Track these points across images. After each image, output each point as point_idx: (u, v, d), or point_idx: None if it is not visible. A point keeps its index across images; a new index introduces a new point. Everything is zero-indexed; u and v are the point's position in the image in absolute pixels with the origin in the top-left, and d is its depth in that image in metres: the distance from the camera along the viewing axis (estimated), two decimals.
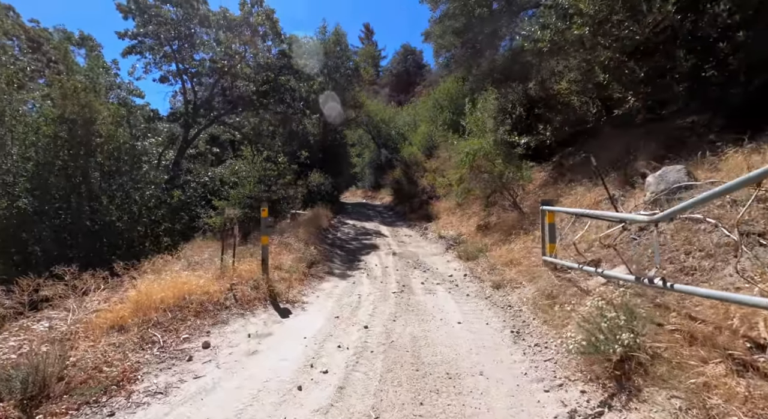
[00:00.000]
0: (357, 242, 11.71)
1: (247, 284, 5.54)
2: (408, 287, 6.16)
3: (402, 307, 5.06)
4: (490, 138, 9.45)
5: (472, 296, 5.51)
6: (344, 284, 6.66)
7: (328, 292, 6.09)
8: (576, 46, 7.10)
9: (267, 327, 4.45)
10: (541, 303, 4.33)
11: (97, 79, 12.19)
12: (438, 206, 15.39)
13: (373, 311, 4.93)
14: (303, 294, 5.86)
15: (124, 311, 4.23)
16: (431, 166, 20.09)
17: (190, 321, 4.46)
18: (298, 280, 6.40)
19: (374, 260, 8.86)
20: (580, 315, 2.89)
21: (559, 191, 8.83)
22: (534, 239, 7.34)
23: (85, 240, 9.54)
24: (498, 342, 3.72)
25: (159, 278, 5.09)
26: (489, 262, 7.32)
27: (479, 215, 11.69)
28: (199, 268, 6.01)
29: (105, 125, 11.07)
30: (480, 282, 6.28)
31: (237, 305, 5.05)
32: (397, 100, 43.69)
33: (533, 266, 5.83)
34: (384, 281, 6.75)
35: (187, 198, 15.70)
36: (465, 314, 4.65)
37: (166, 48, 14.72)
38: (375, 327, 4.29)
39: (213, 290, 5.13)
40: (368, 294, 5.81)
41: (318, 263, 7.73)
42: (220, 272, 5.70)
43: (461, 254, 8.59)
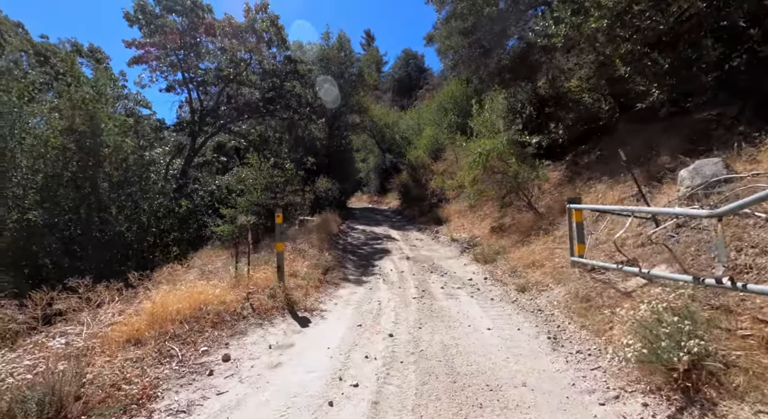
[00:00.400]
0: (368, 247, 11.52)
1: (263, 292, 5.36)
2: (428, 293, 5.95)
3: (425, 313, 4.85)
4: (503, 137, 9.24)
5: (497, 300, 5.29)
6: (361, 290, 6.47)
7: (345, 299, 5.90)
8: (592, 40, 6.91)
9: (287, 338, 4.27)
10: (575, 307, 4.11)
11: (104, 90, 12.16)
12: (448, 209, 15.19)
13: (395, 318, 4.73)
14: (320, 302, 5.68)
15: (140, 323, 4.07)
16: (439, 169, 19.90)
17: (207, 332, 4.29)
18: (313, 287, 6.22)
19: (389, 265, 8.66)
20: (634, 320, 2.67)
21: (577, 189, 8.59)
22: (555, 239, 7.12)
23: (95, 252, 9.44)
24: (535, 348, 3.50)
25: (174, 288, 4.94)
26: (509, 264, 7.10)
27: (492, 216, 11.48)
28: (214, 277, 5.85)
29: (112, 136, 11.03)
30: (503, 286, 6.06)
31: (255, 315, 4.87)
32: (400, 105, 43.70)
33: (559, 268, 5.61)
34: (402, 286, 6.55)
35: (195, 207, 15.64)
36: (493, 319, 4.44)
37: (171, 57, 14.73)
38: (401, 335, 4.09)
39: (229, 299, 4.96)
40: (388, 300, 5.61)
41: (332, 270, 7.55)
42: (235, 281, 5.53)
43: (478, 257, 8.36)
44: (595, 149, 10.22)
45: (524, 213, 9.76)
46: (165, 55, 14.60)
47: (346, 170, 25.61)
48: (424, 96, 41.53)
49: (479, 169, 9.51)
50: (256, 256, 7.12)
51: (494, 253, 8.21)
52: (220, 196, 15.73)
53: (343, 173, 22.89)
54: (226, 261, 6.63)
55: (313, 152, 19.88)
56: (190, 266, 8.87)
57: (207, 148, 18.66)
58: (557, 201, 9.22)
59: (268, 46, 14.69)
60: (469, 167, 10.13)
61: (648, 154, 7.30)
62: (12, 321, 3.71)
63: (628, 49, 5.93)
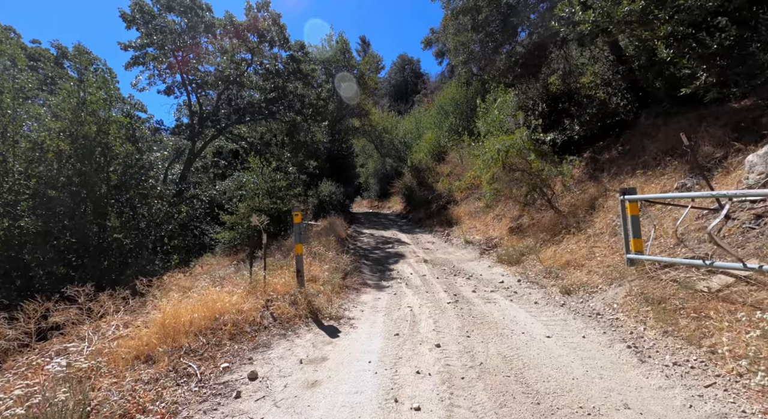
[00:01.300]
0: (380, 250, 11.02)
1: (283, 299, 4.84)
2: (461, 297, 5.46)
3: (467, 320, 4.35)
4: (523, 133, 8.82)
5: (543, 304, 4.80)
6: (385, 295, 5.96)
7: (371, 305, 5.38)
8: (622, 25, 6.52)
9: (318, 350, 3.74)
10: (646, 310, 3.63)
11: (110, 91, 11.63)
12: (457, 211, 14.75)
13: (435, 325, 4.22)
14: (345, 309, 5.16)
15: (150, 337, 3.54)
16: (444, 171, 19.53)
17: (226, 345, 3.76)
18: (334, 293, 5.70)
19: (407, 268, 8.16)
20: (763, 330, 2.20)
21: (604, 185, 8.17)
22: (589, 237, 6.66)
23: (91, 260, 8.85)
24: (615, 359, 3.01)
25: (185, 296, 4.41)
26: (541, 265, 6.62)
27: (509, 216, 11.04)
28: (227, 283, 5.33)
29: (112, 138, 10.50)
30: (542, 288, 5.57)
31: (276, 325, 4.34)
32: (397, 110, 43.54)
33: (606, 267, 5.14)
34: (429, 290, 6.05)
35: (194, 212, 15.08)
36: (547, 325, 3.94)
37: (170, 59, 14.27)
38: (449, 346, 3.59)
39: (247, 308, 4.44)
40: (419, 306, 5.10)
41: (350, 274, 7.04)
42: (251, 287, 5.01)
43: (502, 259, 7.89)
44: (617, 144, 9.84)
45: (543, 212, 9.32)
46: (164, 56, 14.14)
47: (348, 174, 25.16)
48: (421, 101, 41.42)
49: (498, 166, 9.07)
50: (269, 260, 6.60)
51: (519, 254, 7.75)
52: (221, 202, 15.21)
53: (344, 177, 22.42)
54: (239, 267, 6.10)
55: (315, 155, 19.44)
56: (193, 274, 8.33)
57: (207, 152, 18.15)
58: (579, 199, 8.81)
59: (270, 46, 14.28)
60: (486, 165, 9.68)
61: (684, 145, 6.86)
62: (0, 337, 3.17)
63: (667, 31, 5.54)
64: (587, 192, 8.79)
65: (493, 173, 9.42)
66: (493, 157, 9.20)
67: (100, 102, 10.64)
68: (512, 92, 13.47)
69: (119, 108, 13.66)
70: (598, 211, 7.36)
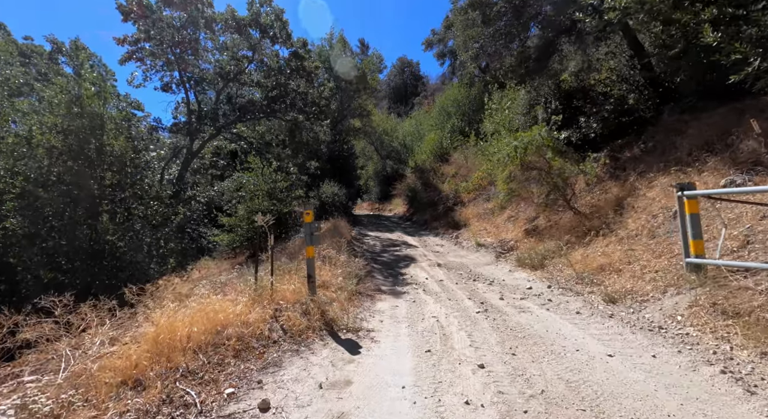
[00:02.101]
0: (388, 254, 10.47)
1: (293, 308, 4.28)
2: (489, 305, 4.91)
3: (505, 333, 3.81)
4: (542, 129, 8.32)
5: (586, 314, 4.26)
6: (403, 303, 5.40)
7: (390, 314, 4.82)
8: (655, 12, 6.05)
9: (339, 371, 3.19)
10: (724, 324, 3.09)
11: (105, 86, 11.07)
12: (465, 213, 14.24)
13: (470, 340, 3.67)
14: (362, 319, 4.60)
15: (140, 356, 2.97)
16: (449, 171, 19.04)
17: (230, 365, 3.20)
18: (347, 300, 5.14)
19: (420, 273, 7.61)
20: None
21: (630, 185, 7.66)
22: (622, 240, 6.14)
23: (83, 264, 8.25)
24: (711, 389, 2.47)
25: (182, 306, 3.85)
26: (571, 270, 6.09)
27: (522, 218, 10.52)
28: (230, 290, 4.76)
29: (108, 135, 9.95)
30: (577, 295, 5.04)
31: (287, 339, 3.78)
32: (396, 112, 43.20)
33: (652, 272, 4.61)
34: (451, 297, 5.50)
35: (192, 214, 14.50)
36: (603, 341, 3.40)
37: (168, 55, 13.73)
38: (494, 366, 3.04)
39: (253, 319, 3.88)
40: (445, 316, 4.55)
41: (362, 279, 6.48)
42: (257, 295, 4.44)
43: (523, 263, 7.36)
44: (638, 142, 9.35)
45: (561, 214, 8.82)
46: (161, 52, 13.60)
47: (349, 175, 24.67)
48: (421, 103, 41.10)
49: (516, 164, 8.55)
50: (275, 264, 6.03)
51: (541, 258, 7.22)
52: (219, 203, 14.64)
53: (346, 178, 21.91)
54: (241, 271, 5.53)
55: (316, 156, 18.92)
56: (191, 279, 7.75)
57: (206, 152, 17.59)
58: (601, 199, 8.33)
59: (272, 42, 13.76)
60: (502, 164, 9.17)
61: (725, 140, 6.39)
62: None
63: (712, 13, 5.05)
64: (609, 192, 8.30)
65: (509, 171, 8.90)
66: (509, 155, 8.69)
67: (95, 98, 10.09)
68: (524, 89, 13.04)
69: (114, 105, 13.09)
70: (628, 211, 6.85)
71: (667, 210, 5.96)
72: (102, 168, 9.82)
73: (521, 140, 8.42)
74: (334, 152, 21.62)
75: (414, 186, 20.61)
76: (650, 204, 6.46)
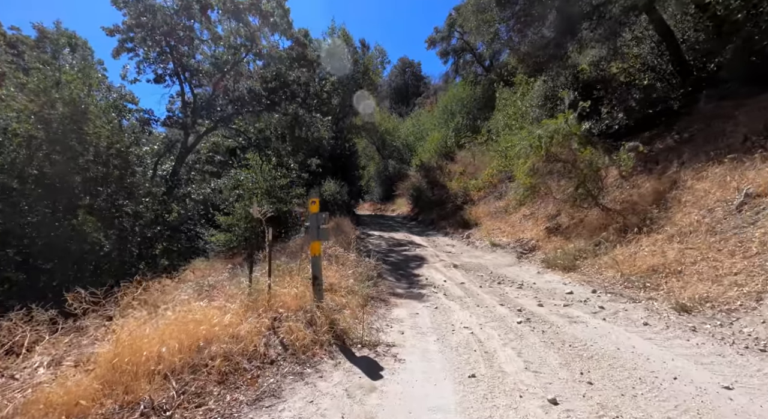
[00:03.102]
0: (396, 254, 9.66)
1: (296, 317, 3.47)
2: (529, 313, 4.11)
3: (564, 351, 3.00)
4: (569, 116, 7.54)
5: (658, 326, 3.45)
6: (424, 309, 4.59)
7: (411, 324, 4.01)
8: None
9: (357, 404, 2.38)
10: None
11: (90, 72, 10.27)
12: (475, 211, 13.44)
13: (522, 360, 2.87)
14: (379, 330, 3.79)
15: (88, 386, 2.16)
16: (456, 170, 18.29)
17: (212, 395, 2.39)
18: (360, 307, 4.33)
19: (436, 274, 6.81)
20: None
21: (669, 177, 6.89)
22: (670, 238, 5.35)
23: (63, 264, 7.42)
24: None
25: (156, 315, 3.04)
26: (612, 271, 5.30)
27: (541, 216, 9.73)
28: (219, 294, 3.95)
29: (92, 124, 9.15)
30: (633, 302, 4.23)
31: (289, 357, 2.97)
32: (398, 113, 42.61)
33: (731, 274, 3.81)
34: (479, 303, 4.70)
35: (187, 213, 13.68)
36: (705, 366, 2.60)
37: (161, 44, 12.95)
38: (571, 401, 2.23)
39: (245, 331, 3.07)
40: (480, 326, 3.74)
41: (374, 281, 5.66)
42: (251, 301, 3.63)
43: (552, 264, 6.57)
44: (670, 132, 8.60)
45: (586, 211, 8.03)
46: (153, 42, 12.82)
47: (351, 174, 23.88)
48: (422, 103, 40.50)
49: (540, 156, 7.75)
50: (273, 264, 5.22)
51: (572, 258, 6.44)
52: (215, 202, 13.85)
53: (348, 177, 21.12)
54: (234, 272, 4.74)
55: (317, 153, 18.15)
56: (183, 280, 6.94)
57: (202, 148, 16.78)
58: (634, 194, 7.56)
59: (272, 31, 12.99)
60: (524, 156, 8.37)
61: None
62: None
63: None
64: (642, 186, 7.53)
65: (531, 164, 8.10)
66: (532, 145, 7.90)
67: (78, 83, 9.31)
68: (540, 79, 12.27)
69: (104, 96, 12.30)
70: (674, 206, 6.06)
71: (727, 203, 5.17)
72: (86, 160, 9.00)
73: (546, 129, 7.63)
74: (336, 150, 20.84)
75: (419, 185, 19.82)
76: (702, 197, 5.67)
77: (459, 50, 32.34)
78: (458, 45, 31.78)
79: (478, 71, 29.32)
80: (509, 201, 11.90)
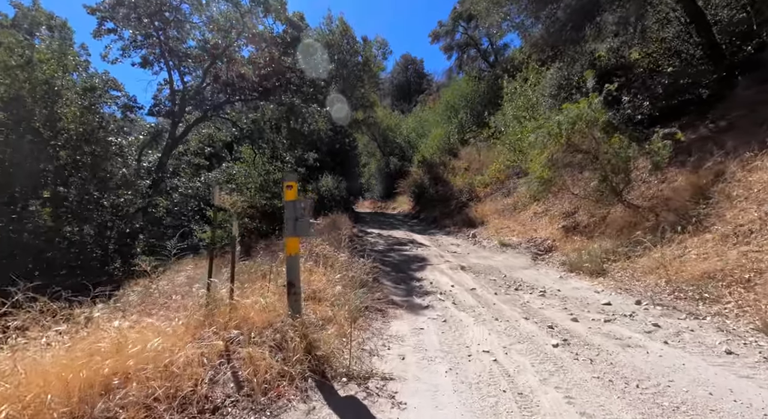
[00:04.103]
0: (396, 253, 8.78)
1: (261, 338, 2.58)
2: (564, 331, 3.23)
3: (630, 396, 2.13)
4: (594, 99, 6.66)
5: (753, 358, 2.55)
6: (429, 323, 3.71)
7: (414, 345, 3.13)
8: None
9: None
10: None
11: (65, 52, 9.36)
12: (481, 209, 12.58)
13: (575, 411, 1.99)
14: (372, 354, 2.91)
15: None
16: (461, 165, 17.43)
17: None
18: (349, 321, 3.44)
19: (442, 278, 5.93)
20: None
21: (709, 169, 6.01)
22: (726, 238, 4.51)
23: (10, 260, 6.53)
24: None
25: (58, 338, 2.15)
26: (654, 277, 4.43)
27: (556, 213, 8.85)
28: (168, 305, 3.06)
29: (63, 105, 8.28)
30: (695, 318, 3.35)
31: (242, 400, 2.09)
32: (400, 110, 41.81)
33: None
34: (497, 315, 3.81)
35: (174, 207, 12.81)
36: None
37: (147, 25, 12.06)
38: None
39: (184, 360, 2.18)
40: (503, 351, 2.86)
41: (368, 287, 4.77)
42: (206, 314, 2.75)
43: (577, 267, 5.70)
44: (703, 120, 7.72)
45: (608, 208, 7.16)
46: (138, 23, 11.93)
47: (351, 170, 23.01)
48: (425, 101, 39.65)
49: (560, 145, 6.86)
50: (248, 265, 4.34)
51: (599, 261, 5.56)
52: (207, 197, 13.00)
53: (348, 173, 20.24)
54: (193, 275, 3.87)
55: (315, 147, 17.27)
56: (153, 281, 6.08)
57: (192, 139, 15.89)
58: (662, 188, 6.72)
59: (265, 12, 12.09)
60: (538, 147, 7.48)
61: None
62: None
63: None
64: (675, 180, 6.66)
65: (549, 154, 7.21)
66: (551, 133, 7.01)
67: (52, 63, 8.44)
68: (554, 66, 11.38)
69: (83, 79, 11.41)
70: (722, 201, 5.18)
71: None
72: (55, 145, 8.12)
73: (567, 114, 6.74)
74: (335, 145, 19.97)
75: (421, 182, 18.95)
76: (760, 191, 4.79)
77: (463, 45, 31.42)
78: (462, 40, 30.86)
79: (482, 67, 28.42)
80: (519, 197, 11.04)
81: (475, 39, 29.83)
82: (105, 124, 10.12)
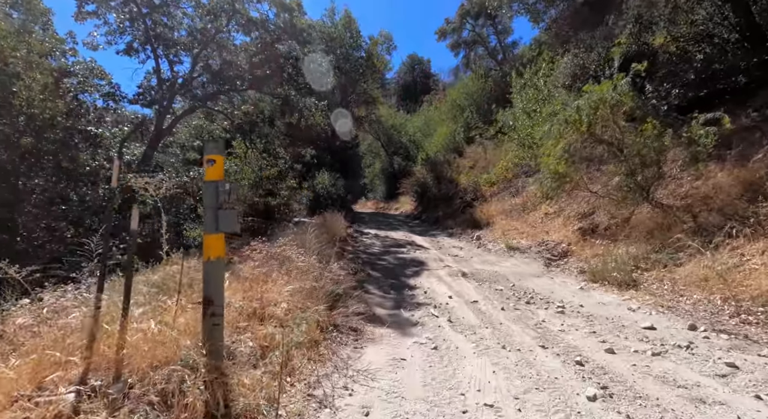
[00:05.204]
0: (391, 256, 7.87)
1: (151, 387, 1.68)
2: (603, 372, 2.30)
3: None
4: (621, 80, 5.72)
5: None
6: (413, 349, 2.80)
7: (388, 388, 2.21)
8: None
9: None
10: None
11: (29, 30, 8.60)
12: (487, 210, 11.64)
13: None
14: (323, 402, 2.00)
15: None
16: (466, 164, 16.52)
17: None
18: (309, 344, 2.54)
19: (438, 287, 5.01)
20: None
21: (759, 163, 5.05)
22: None
23: None
24: None
25: None
26: (708, 294, 3.47)
27: (571, 214, 7.89)
28: (39, 332, 2.16)
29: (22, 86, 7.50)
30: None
31: None
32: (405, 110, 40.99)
33: None
34: (504, 341, 2.89)
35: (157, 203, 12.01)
36: None
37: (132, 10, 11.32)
38: None
39: None
40: (514, 404, 1.94)
41: (344, 298, 3.85)
42: (87, 348, 1.85)
43: (600, 276, 4.79)
44: (744, 109, 6.74)
45: (631, 208, 6.21)
46: (123, 5, 11.19)
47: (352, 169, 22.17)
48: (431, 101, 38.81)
49: (582, 132, 5.89)
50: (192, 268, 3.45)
51: (628, 270, 4.61)
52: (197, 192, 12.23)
53: (348, 172, 19.41)
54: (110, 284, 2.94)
55: (312, 142, 16.45)
56: None
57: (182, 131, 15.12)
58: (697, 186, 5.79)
59: None
60: (554, 136, 6.51)
61: None
62: None
63: None
64: (715, 176, 5.69)
65: (567, 145, 6.24)
66: (569, 120, 6.05)
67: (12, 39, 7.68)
68: (569, 54, 10.42)
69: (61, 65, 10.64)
70: None
71: None
72: (14, 130, 7.33)
73: (588, 98, 5.79)
74: (336, 142, 19.15)
75: (424, 180, 18.05)
76: None
77: (471, 43, 30.40)
78: (470, 37, 29.85)
79: (490, 65, 27.51)
80: (528, 197, 10.09)
81: (482, 37, 28.93)
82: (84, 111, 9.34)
